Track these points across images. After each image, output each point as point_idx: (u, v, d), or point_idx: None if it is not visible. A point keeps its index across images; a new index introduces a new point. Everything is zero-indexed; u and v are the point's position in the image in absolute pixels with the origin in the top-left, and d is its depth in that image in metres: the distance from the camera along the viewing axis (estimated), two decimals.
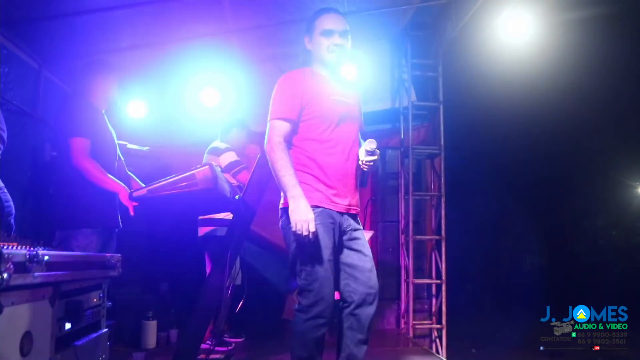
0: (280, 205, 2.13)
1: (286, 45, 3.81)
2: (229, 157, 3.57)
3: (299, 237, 1.96)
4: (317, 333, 2.00)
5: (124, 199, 2.62)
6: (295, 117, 2.08)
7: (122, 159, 2.97)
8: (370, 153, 2.11)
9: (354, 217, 2.17)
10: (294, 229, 1.94)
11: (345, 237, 2.11)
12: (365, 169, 2.18)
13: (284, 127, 2.07)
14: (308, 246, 1.98)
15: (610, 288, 8.13)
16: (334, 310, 2.07)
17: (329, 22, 2.13)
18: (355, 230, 2.15)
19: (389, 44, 4.86)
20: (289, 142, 2.10)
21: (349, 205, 2.13)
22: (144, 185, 2.80)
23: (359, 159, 2.18)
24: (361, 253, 2.12)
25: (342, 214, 2.10)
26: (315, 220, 1.96)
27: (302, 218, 1.93)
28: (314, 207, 2.01)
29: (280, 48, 3.91)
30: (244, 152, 3.78)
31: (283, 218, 2.10)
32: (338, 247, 2.08)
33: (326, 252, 2.01)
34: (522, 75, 6.48)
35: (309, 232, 1.92)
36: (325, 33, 2.12)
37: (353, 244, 2.12)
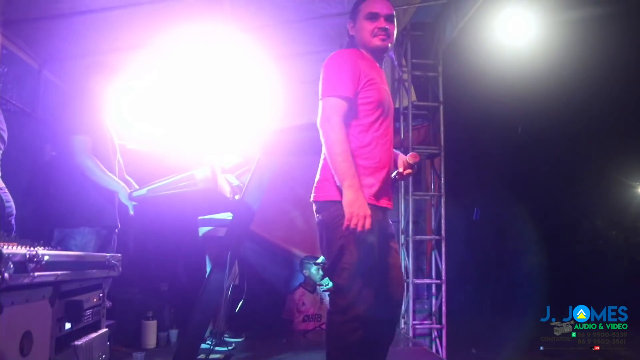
0: (318, 198, 1.96)
1: (289, 45, 3.81)
2: (233, 158, 3.58)
3: (350, 233, 1.81)
4: (354, 336, 1.85)
5: (123, 198, 2.62)
6: (353, 96, 1.91)
7: (121, 162, 2.97)
8: (410, 166, 2.02)
9: (388, 213, 2.08)
10: (348, 223, 1.77)
11: (383, 235, 2.00)
12: (398, 179, 2.07)
13: (342, 106, 1.88)
14: (356, 244, 1.85)
15: (610, 288, 8.12)
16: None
17: (374, 4, 2.01)
18: (389, 227, 2.07)
19: None
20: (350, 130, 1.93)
21: (389, 201, 2.03)
22: (137, 186, 2.80)
23: (395, 165, 2.08)
24: (395, 251, 2.07)
25: (384, 210, 1.99)
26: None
27: (361, 212, 1.77)
28: (368, 204, 1.86)
29: (282, 48, 3.91)
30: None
31: (324, 212, 1.93)
32: (380, 246, 1.96)
33: (373, 252, 1.89)
34: (522, 75, 6.49)
35: (363, 228, 1.77)
36: (370, 16, 2.00)
37: (391, 242, 2.06)
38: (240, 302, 3.09)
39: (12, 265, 1.13)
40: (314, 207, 2.01)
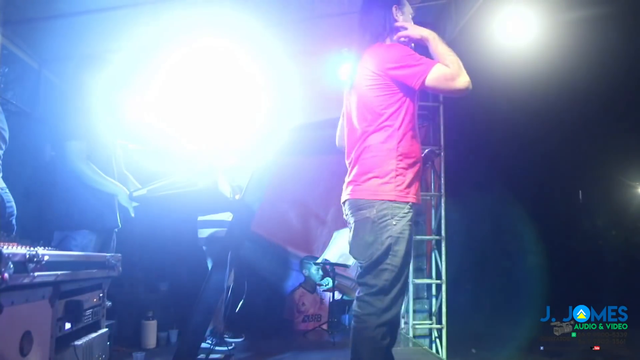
0: (365, 196, 1.91)
1: (289, 45, 3.81)
2: (234, 158, 3.58)
3: (404, 234, 1.85)
4: (385, 342, 1.85)
5: (123, 200, 2.62)
6: None
7: (122, 157, 2.97)
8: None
9: None
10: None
11: None
12: None
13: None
14: (401, 245, 1.85)
15: (610, 288, 8.12)
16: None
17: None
18: None
19: None
20: (400, 126, 1.93)
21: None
22: (139, 185, 2.80)
23: None
24: None
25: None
26: (409, 221, 1.88)
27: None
28: (412, 204, 1.91)
29: (283, 48, 3.91)
30: None
31: (370, 209, 1.89)
32: None
33: (411, 254, 1.91)
34: (522, 75, 6.48)
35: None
36: (412, 17, 2.11)
37: None
38: (240, 302, 3.09)
39: (12, 265, 1.13)
40: (353, 204, 1.96)
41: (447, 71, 1.88)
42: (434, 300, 4.73)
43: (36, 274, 1.26)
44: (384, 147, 1.91)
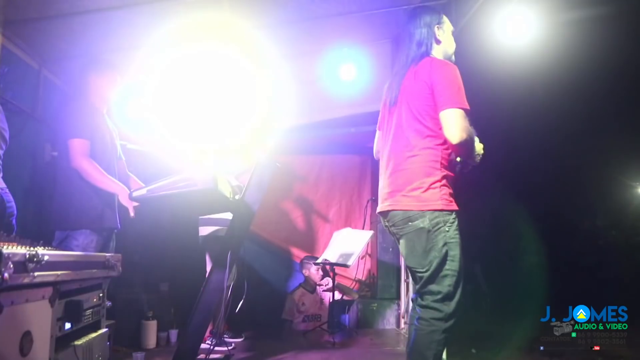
0: (420, 208, 1.95)
1: (289, 45, 3.82)
2: (235, 159, 3.59)
3: (456, 239, 1.95)
4: (445, 346, 1.94)
5: (123, 199, 2.62)
6: None
7: (123, 158, 2.97)
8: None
9: None
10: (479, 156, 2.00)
11: None
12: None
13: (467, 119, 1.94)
14: (457, 250, 1.96)
15: (610, 288, 8.11)
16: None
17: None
18: None
19: (389, 44, 4.86)
20: (444, 140, 1.96)
21: None
22: (143, 185, 2.81)
23: None
24: None
25: None
26: (457, 226, 2.00)
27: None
28: (456, 212, 2.02)
29: (283, 48, 3.91)
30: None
31: (422, 219, 1.95)
32: None
33: (462, 261, 2.00)
34: (523, 75, 6.48)
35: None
36: (453, 34, 2.18)
37: None
38: (240, 302, 3.09)
39: (12, 265, 1.13)
40: (402, 215, 2.00)
41: (467, 122, 1.93)
42: None
43: (36, 274, 1.26)
44: (431, 158, 1.97)
